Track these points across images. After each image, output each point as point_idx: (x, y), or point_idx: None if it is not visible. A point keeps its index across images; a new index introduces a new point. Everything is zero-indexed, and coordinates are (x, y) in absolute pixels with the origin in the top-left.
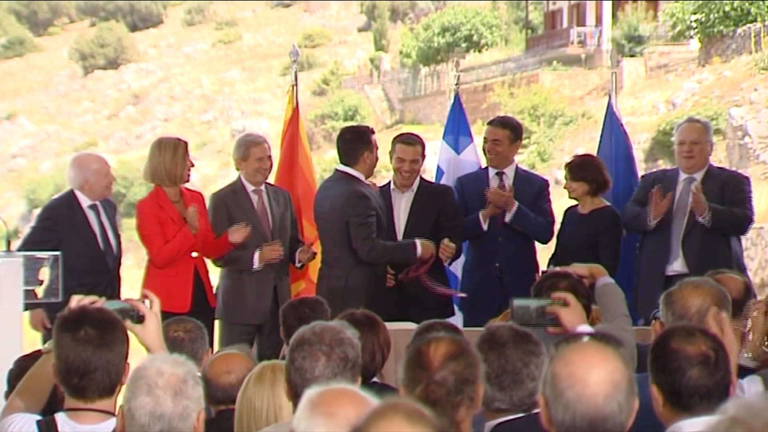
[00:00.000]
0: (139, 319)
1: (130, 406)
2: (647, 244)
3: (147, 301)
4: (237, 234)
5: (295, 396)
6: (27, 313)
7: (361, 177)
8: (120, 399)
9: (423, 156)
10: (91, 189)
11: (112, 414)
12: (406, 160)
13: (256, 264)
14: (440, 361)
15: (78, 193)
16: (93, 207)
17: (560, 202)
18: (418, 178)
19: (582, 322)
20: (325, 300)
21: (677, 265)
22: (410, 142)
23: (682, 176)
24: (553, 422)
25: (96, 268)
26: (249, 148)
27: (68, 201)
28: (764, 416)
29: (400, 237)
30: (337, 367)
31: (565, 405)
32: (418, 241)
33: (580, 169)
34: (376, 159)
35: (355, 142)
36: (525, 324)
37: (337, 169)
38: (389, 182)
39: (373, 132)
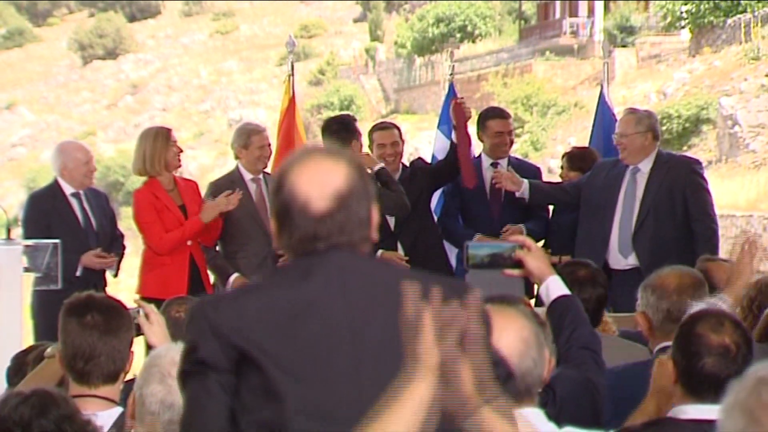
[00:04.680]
0: (138, 331)
1: (141, 393)
2: (585, 233)
3: (141, 311)
4: (220, 202)
5: None
6: (27, 301)
7: None
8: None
9: (402, 140)
10: (71, 176)
11: (115, 402)
12: (387, 144)
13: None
14: None
15: (61, 182)
16: (76, 195)
17: None
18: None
19: (548, 267)
20: None
21: (631, 260)
22: (386, 127)
23: (630, 167)
24: None
25: (79, 253)
26: (250, 137)
27: (52, 190)
28: None
29: (392, 222)
30: None
31: None
32: None
33: (579, 159)
34: (362, 146)
35: (343, 131)
36: (477, 267)
37: None
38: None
39: (355, 120)
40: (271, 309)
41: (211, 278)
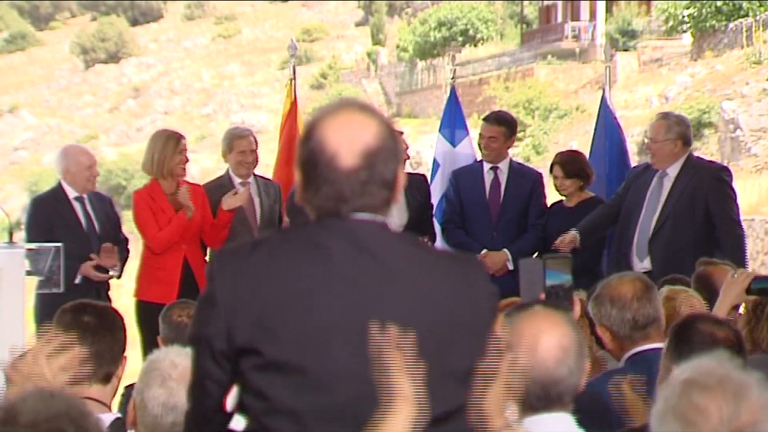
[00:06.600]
0: None
1: (143, 397)
2: (617, 236)
3: None
4: (231, 200)
5: None
6: (29, 305)
7: None
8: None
9: (406, 145)
10: (73, 179)
11: (107, 407)
12: None
13: None
14: None
15: (65, 185)
16: (79, 199)
17: (555, 194)
18: None
19: None
20: None
21: (647, 263)
22: None
23: (659, 171)
24: None
25: (81, 257)
26: (233, 141)
27: (55, 193)
28: (716, 373)
29: None
30: None
31: None
32: None
33: (572, 163)
34: None
35: None
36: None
37: None
38: None
39: None
40: (276, 306)
41: None
